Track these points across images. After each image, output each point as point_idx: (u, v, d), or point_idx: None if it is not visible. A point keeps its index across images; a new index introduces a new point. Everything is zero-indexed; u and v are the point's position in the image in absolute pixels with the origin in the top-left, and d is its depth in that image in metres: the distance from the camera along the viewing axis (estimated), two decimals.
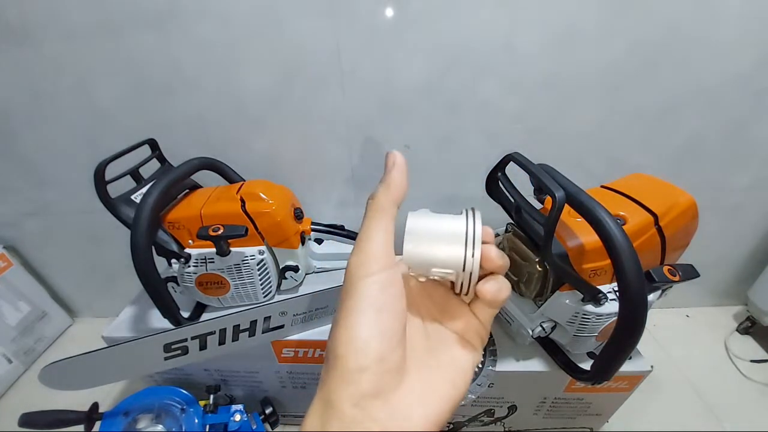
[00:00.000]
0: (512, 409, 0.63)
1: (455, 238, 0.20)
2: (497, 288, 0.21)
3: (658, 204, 0.46)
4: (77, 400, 0.57)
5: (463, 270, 0.20)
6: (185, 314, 0.60)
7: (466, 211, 0.21)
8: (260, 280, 0.58)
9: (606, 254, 0.36)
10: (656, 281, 0.42)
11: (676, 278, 0.43)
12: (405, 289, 0.23)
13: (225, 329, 0.52)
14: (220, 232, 0.51)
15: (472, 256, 0.20)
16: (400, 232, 0.21)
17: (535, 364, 0.55)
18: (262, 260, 0.57)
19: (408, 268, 0.22)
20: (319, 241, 0.69)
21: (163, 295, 0.52)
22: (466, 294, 0.22)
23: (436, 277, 0.21)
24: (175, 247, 0.56)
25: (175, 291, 0.60)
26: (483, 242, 0.21)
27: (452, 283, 0.22)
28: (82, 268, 0.94)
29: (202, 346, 0.52)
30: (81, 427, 0.55)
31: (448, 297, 0.24)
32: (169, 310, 0.53)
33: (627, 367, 0.52)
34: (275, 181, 0.62)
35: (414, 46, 0.63)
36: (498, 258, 0.21)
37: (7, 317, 0.87)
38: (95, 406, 0.57)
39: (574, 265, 0.43)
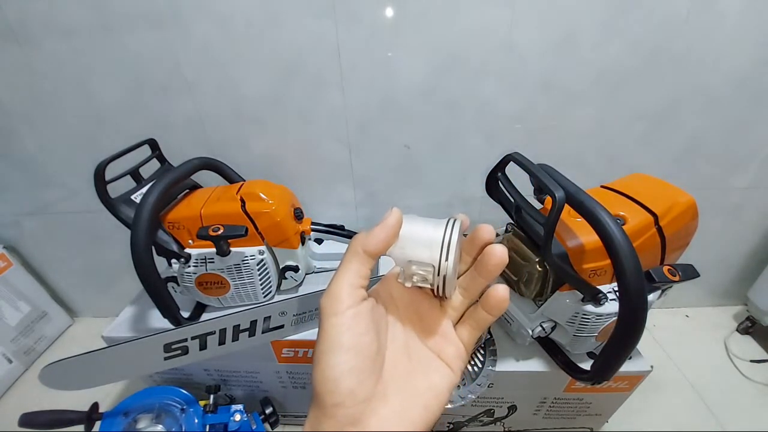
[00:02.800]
0: (512, 409, 0.63)
1: (433, 241, 0.22)
2: (504, 294, 0.23)
3: (658, 204, 0.46)
4: (77, 400, 0.57)
5: (438, 272, 0.22)
6: (185, 314, 0.60)
7: (449, 219, 0.23)
8: (260, 280, 0.58)
9: (606, 254, 0.36)
10: (656, 281, 0.42)
11: (676, 278, 0.43)
12: (391, 306, 0.25)
13: (225, 329, 0.52)
14: (220, 232, 0.51)
15: (446, 260, 0.21)
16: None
17: (535, 364, 0.55)
18: (262, 260, 0.57)
19: (396, 277, 0.24)
20: (319, 241, 0.69)
21: (163, 295, 0.52)
22: (442, 296, 0.23)
23: (416, 279, 0.23)
24: (175, 247, 0.56)
25: (175, 291, 0.60)
26: (486, 242, 0.23)
27: (432, 290, 0.24)
28: (82, 268, 0.94)
29: (202, 346, 0.52)
30: (81, 427, 0.55)
31: (433, 313, 0.25)
32: (169, 310, 0.53)
33: (627, 367, 0.52)
34: (275, 181, 0.62)
35: (414, 46, 0.63)
36: (501, 252, 0.22)
37: (7, 317, 0.87)
38: (95, 406, 0.57)
39: (574, 265, 0.43)
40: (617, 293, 0.37)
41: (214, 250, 0.54)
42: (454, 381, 0.24)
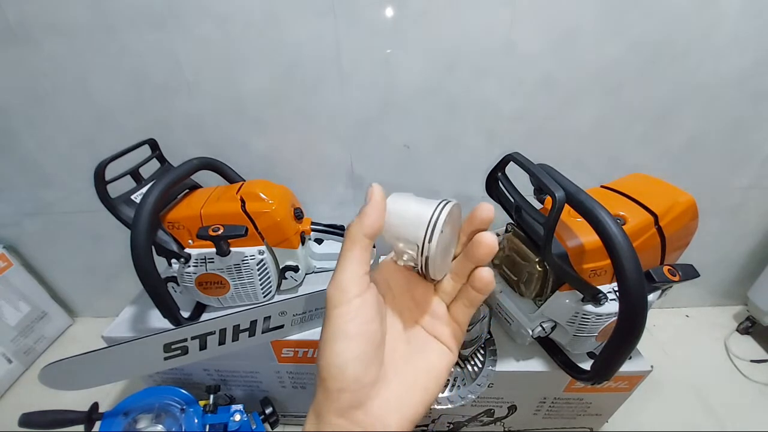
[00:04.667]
0: (512, 409, 0.63)
1: (421, 221, 0.22)
2: (489, 277, 0.23)
3: (658, 204, 0.46)
4: (77, 400, 0.57)
5: (421, 253, 0.22)
6: (185, 314, 0.60)
7: (441, 201, 0.23)
8: (260, 280, 0.58)
9: (606, 254, 0.36)
10: (656, 281, 0.42)
11: (676, 278, 0.43)
12: (388, 293, 0.26)
13: (225, 329, 0.52)
14: (220, 232, 0.51)
15: (430, 241, 0.21)
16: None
17: (535, 364, 0.55)
18: (262, 260, 0.57)
19: (390, 262, 0.25)
20: (319, 241, 0.69)
21: (163, 295, 0.52)
22: (427, 277, 0.24)
23: (406, 257, 0.23)
24: (175, 247, 0.56)
25: (175, 291, 0.60)
26: (478, 229, 0.23)
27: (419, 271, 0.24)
28: (82, 268, 0.94)
29: (202, 346, 0.52)
30: (81, 427, 0.55)
31: (428, 297, 0.26)
32: (169, 310, 0.53)
33: (627, 367, 0.52)
34: (275, 181, 0.62)
35: (414, 46, 0.63)
36: (490, 240, 0.22)
37: (7, 317, 0.87)
38: (95, 406, 0.57)
39: (574, 265, 0.43)
40: (617, 293, 0.37)
41: (214, 250, 0.54)
42: (452, 360, 0.25)
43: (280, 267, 0.61)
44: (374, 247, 0.24)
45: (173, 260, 0.56)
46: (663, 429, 0.72)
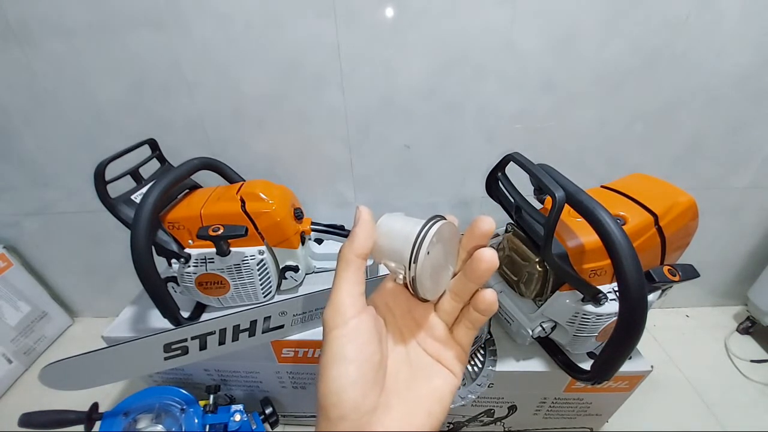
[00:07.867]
0: (512, 409, 0.63)
1: (407, 241, 0.22)
2: (493, 298, 0.23)
3: (658, 204, 0.46)
4: (77, 400, 0.57)
5: (409, 269, 0.22)
6: (185, 314, 0.60)
7: (431, 219, 0.22)
8: (260, 280, 0.58)
9: (606, 254, 0.36)
10: (656, 281, 0.42)
11: (676, 278, 0.43)
12: (388, 316, 0.25)
13: (225, 329, 0.52)
14: (220, 232, 0.51)
15: (414, 262, 0.21)
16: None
17: (535, 364, 0.55)
18: (262, 260, 0.57)
19: (389, 284, 0.25)
20: (319, 241, 0.69)
21: (163, 295, 0.52)
22: (416, 297, 0.23)
23: (401, 277, 0.23)
24: (175, 247, 0.56)
25: (175, 291, 0.60)
26: (479, 245, 0.23)
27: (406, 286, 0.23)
28: (82, 268, 0.94)
29: (202, 346, 0.52)
30: (81, 427, 0.55)
31: (429, 319, 0.25)
32: (169, 310, 0.53)
33: (627, 367, 0.52)
34: (275, 181, 0.62)
35: (414, 46, 0.63)
36: (491, 256, 0.22)
37: (7, 317, 0.87)
38: (95, 406, 0.57)
39: (574, 265, 0.43)
40: (617, 293, 0.37)
41: (214, 250, 0.54)
42: (456, 384, 0.24)
43: (280, 267, 0.61)
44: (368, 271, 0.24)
45: (173, 260, 0.56)
46: (663, 429, 0.72)
